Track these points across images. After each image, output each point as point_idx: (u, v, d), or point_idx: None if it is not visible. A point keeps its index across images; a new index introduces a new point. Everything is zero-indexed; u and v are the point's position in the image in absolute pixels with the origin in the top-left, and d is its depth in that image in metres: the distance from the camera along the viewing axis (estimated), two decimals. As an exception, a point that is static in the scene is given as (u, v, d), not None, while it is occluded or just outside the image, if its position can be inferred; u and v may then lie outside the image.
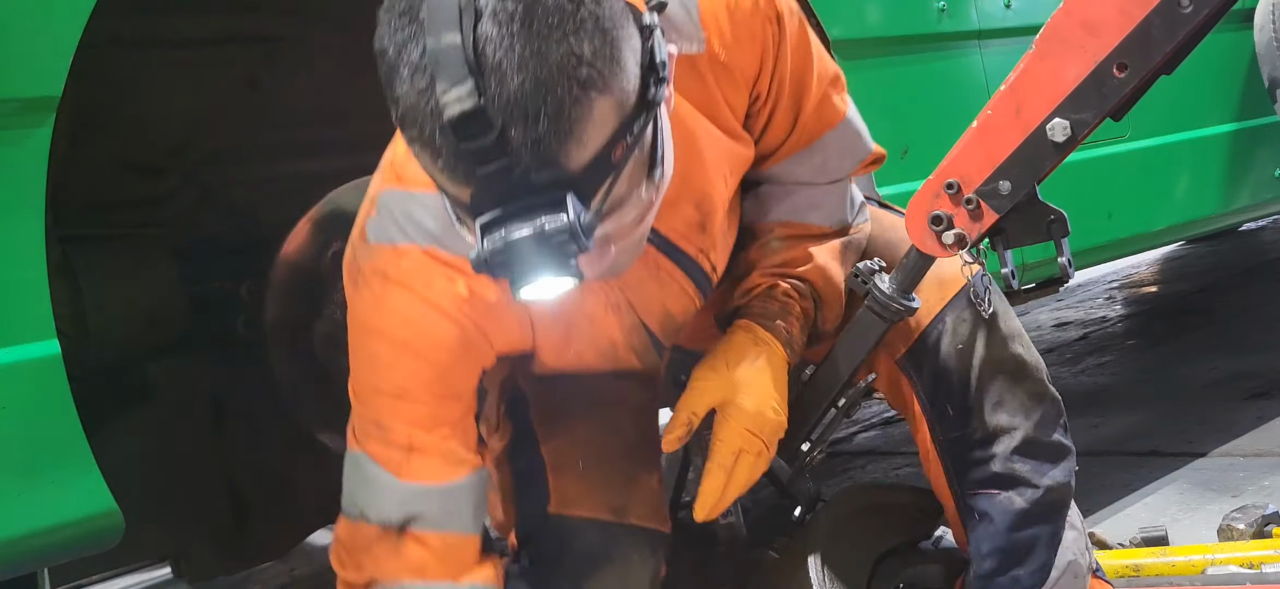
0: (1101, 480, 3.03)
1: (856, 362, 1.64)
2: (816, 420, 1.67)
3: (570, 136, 1.15)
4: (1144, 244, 3.63)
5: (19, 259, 1.59)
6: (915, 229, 1.50)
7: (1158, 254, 6.89)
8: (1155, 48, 1.35)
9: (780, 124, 1.64)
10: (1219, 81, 3.56)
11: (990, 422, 1.72)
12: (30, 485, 1.60)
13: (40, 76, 1.62)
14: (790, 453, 1.67)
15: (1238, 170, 3.57)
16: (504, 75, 1.12)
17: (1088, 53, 1.38)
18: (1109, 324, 5.40)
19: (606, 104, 1.17)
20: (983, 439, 1.73)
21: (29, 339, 1.59)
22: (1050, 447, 1.76)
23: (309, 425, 2.59)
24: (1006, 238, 1.51)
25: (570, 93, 1.14)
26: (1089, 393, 4.15)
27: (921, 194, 1.50)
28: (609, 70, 1.17)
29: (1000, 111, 1.45)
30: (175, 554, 2.85)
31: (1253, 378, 3.73)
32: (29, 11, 1.62)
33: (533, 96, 1.12)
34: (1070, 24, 1.39)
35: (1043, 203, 1.48)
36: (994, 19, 2.92)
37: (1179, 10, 1.32)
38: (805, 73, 1.61)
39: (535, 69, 1.12)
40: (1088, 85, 1.39)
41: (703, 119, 1.53)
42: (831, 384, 1.65)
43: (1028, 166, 1.45)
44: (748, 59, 1.54)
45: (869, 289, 1.59)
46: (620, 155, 1.21)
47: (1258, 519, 2.38)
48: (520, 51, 1.12)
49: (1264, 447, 3.06)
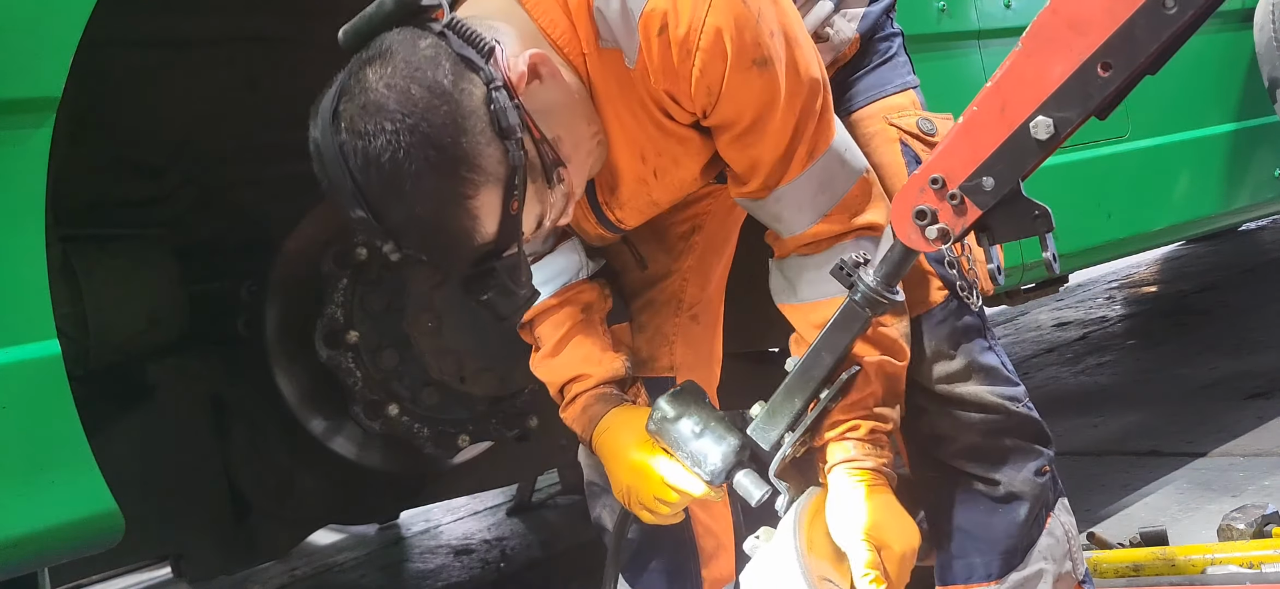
0: (1101, 480, 3.03)
1: (839, 354, 1.64)
2: (799, 412, 1.67)
3: (469, 236, 1.44)
4: (1144, 244, 3.63)
5: (19, 259, 1.59)
6: (900, 223, 1.51)
7: (1158, 254, 6.89)
8: (1139, 48, 1.35)
9: (730, 157, 1.65)
10: (1219, 81, 3.55)
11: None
12: (30, 485, 1.60)
13: (40, 76, 1.63)
14: (772, 443, 1.69)
15: (1238, 170, 3.57)
16: (389, 214, 1.42)
17: (1073, 52, 1.38)
18: (1109, 324, 5.40)
19: (483, 197, 1.43)
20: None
21: (29, 339, 1.60)
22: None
23: (309, 425, 2.60)
24: (992, 233, 1.51)
25: (453, 217, 1.43)
26: (1089, 393, 4.15)
27: (907, 188, 1.51)
28: (470, 175, 1.41)
29: (985, 108, 1.45)
30: (175, 554, 2.85)
31: (1253, 378, 3.74)
32: (29, 11, 1.62)
33: (421, 228, 1.43)
34: (1056, 23, 1.39)
35: (1027, 199, 1.49)
36: (994, 19, 2.92)
37: (1164, 11, 1.33)
38: (763, 125, 1.59)
39: (411, 207, 1.41)
40: (1072, 84, 1.39)
41: (626, 110, 1.60)
42: (814, 377, 1.66)
43: (1011, 163, 1.45)
44: (672, 85, 1.55)
45: (853, 281, 1.60)
46: (517, 209, 1.46)
47: (1258, 519, 2.38)
48: (394, 198, 1.41)
49: (1264, 447, 3.06)
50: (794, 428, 1.67)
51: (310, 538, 3.00)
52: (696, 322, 2.01)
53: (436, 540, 4.20)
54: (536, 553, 3.81)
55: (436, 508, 4.55)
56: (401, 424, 2.54)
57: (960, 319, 1.79)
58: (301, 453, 2.63)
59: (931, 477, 1.84)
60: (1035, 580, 1.79)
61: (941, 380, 1.78)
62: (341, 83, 1.45)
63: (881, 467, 1.70)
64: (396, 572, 3.97)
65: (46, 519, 1.62)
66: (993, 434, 1.78)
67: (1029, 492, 1.79)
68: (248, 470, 2.67)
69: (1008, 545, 1.78)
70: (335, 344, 2.48)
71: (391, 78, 1.40)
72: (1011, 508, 1.78)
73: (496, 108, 1.42)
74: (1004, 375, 1.81)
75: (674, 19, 1.47)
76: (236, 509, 2.68)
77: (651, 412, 1.75)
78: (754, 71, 1.52)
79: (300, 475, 2.68)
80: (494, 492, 4.39)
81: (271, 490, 2.68)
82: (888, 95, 1.87)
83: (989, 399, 1.78)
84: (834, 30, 1.84)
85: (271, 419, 2.60)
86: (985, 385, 1.79)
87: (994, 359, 1.81)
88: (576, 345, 1.87)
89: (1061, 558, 1.82)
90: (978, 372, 1.79)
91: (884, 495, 1.69)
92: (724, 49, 1.49)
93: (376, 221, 1.43)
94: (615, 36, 1.53)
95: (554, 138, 1.52)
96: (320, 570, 4.13)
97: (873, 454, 1.70)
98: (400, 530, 4.41)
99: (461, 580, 3.65)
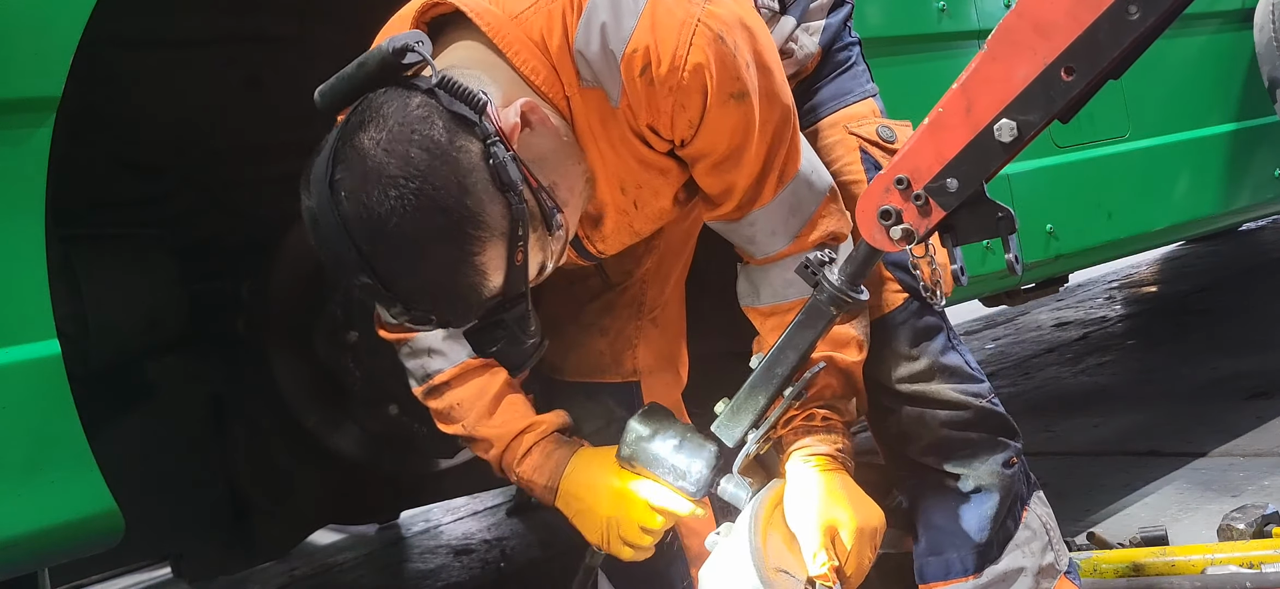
0: (1101, 480, 3.03)
1: (803, 352, 1.65)
2: (764, 409, 1.68)
3: (477, 292, 1.44)
4: (1144, 244, 3.63)
5: (19, 259, 1.59)
6: (865, 222, 1.52)
7: (1158, 254, 6.90)
8: (1102, 53, 1.36)
9: (706, 184, 1.67)
10: (1219, 81, 3.56)
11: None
12: (30, 485, 1.60)
13: (40, 76, 1.62)
14: (736, 441, 1.69)
15: (1238, 170, 3.57)
16: (398, 281, 1.41)
17: (1037, 55, 1.39)
18: (1109, 324, 5.41)
19: (490, 252, 1.42)
20: None
21: (29, 339, 1.60)
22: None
23: (309, 425, 2.60)
24: (956, 234, 1.52)
25: (463, 276, 1.42)
26: (1089, 393, 4.15)
27: (872, 188, 1.52)
28: (477, 233, 1.40)
29: (951, 110, 1.46)
30: (175, 554, 2.85)
31: (1253, 378, 3.73)
32: (29, 11, 1.62)
33: (431, 290, 1.43)
34: (1021, 26, 1.40)
35: (991, 200, 1.50)
36: (994, 19, 2.92)
37: (1126, 17, 1.34)
38: (738, 154, 1.61)
39: (421, 272, 1.41)
40: (1036, 87, 1.40)
41: (608, 147, 1.60)
42: (778, 374, 1.67)
43: (976, 165, 1.46)
44: (654, 119, 1.56)
45: (818, 280, 1.61)
46: (522, 259, 1.46)
47: (1258, 519, 2.38)
48: (402, 264, 1.40)
49: (1264, 447, 3.06)
50: (758, 425, 1.68)
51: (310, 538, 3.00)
52: (656, 324, 2.04)
53: (436, 540, 4.20)
54: (536, 553, 3.81)
55: (436, 508, 4.56)
56: (401, 424, 2.54)
57: (921, 320, 1.83)
58: (301, 453, 2.63)
59: (904, 476, 1.88)
60: (1015, 575, 1.82)
61: (905, 380, 1.83)
62: (334, 148, 1.41)
63: (836, 452, 1.72)
64: (396, 572, 3.97)
65: (46, 519, 1.62)
66: (958, 429, 1.83)
67: (997, 484, 1.82)
68: (248, 470, 2.67)
69: (982, 539, 1.81)
70: (335, 344, 2.48)
71: (389, 142, 1.38)
72: (981, 502, 1.82)
73: (496, 163, 1.41)
74: (967, 373, 1.85)
75: (655, 57, 1.49)
76: (236, 509, 2.68)
77: (624, 435, 1.75)
78: (732, 104, 1.55)
79: (300, 475, 2.68)
80: (494, 492, 4.39)
81: (271, 490, 2.68)
82: (848, 105, 1.91)
83: (953, 396, 1.83)
84: (797, 45, 1.88)
85: (271, 419, 2.60)
86: (949, 384, 1.83)
87: (956, 358, 1.86)
88: (512, 403, 1.84)
89: (1041, 550, 1.85)
90: (940, 371, 1.83)
91: (838, 476, 1.70)
92: (704, 84, 1.51)
93: (385, 289, 1.42)
94: (597, 76, 1.53)
95: (550, 185, 1.53)
96: (320, 570, 4.13)
97: (826, 440, 1.72)
98: (400, 530, 4.41)
99: (461, 580, 3.65)
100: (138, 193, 2.53)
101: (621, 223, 1.73)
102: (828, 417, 1.74)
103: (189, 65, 2.39)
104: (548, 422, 1.84)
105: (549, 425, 1.84)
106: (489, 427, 1.83)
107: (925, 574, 1.86)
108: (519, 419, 1.83)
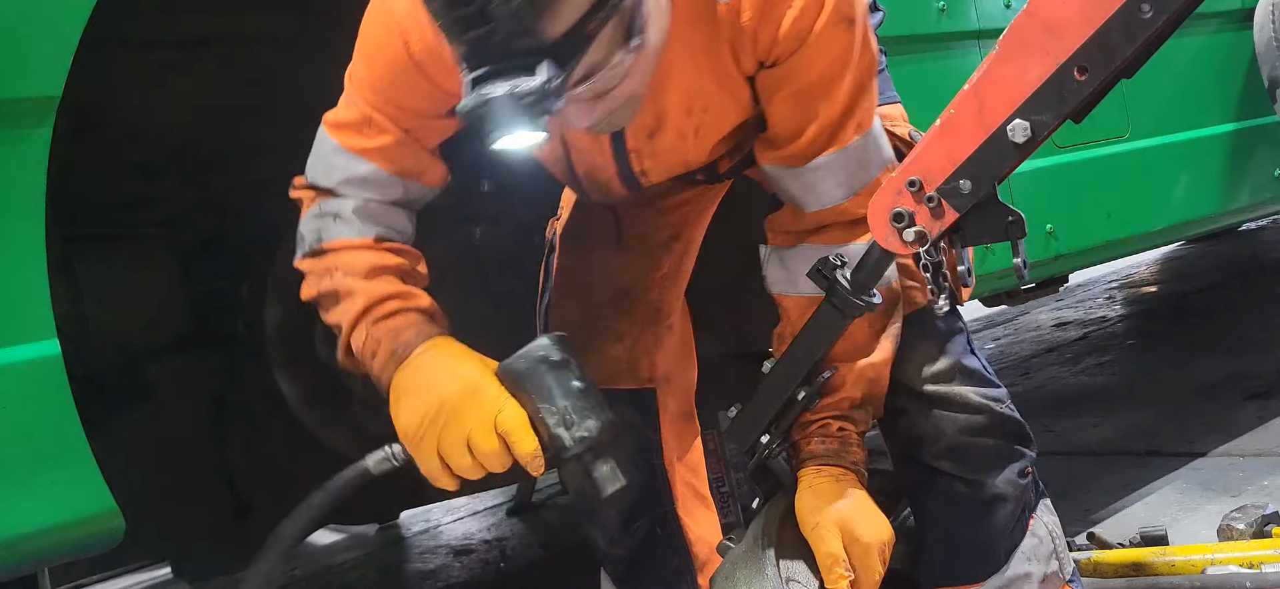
0: (1101, 480, 3.03)
1: (816, 356, 1.65)
2: (776, 414, 1.67)
3: (547, 9, 1.27)
4: (1144, 244, 3.63)
5: (19, 259, 1.59)
6: (877, 225, 1.52)
7: (1158, 254, 6.89)
8: (1115, 52, 1.36)
9: (783, 114, 1.64)
10: (1219, 81, 3.56)
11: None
12: (30, 485, 1.60)
13: (40, 76, 1.62)
14: (749, 445, 1.68)
15: (1238, 170, 3.57)
16: None
17: (1049, 55, 1.39)
18: (1109, 324, 5.40)
19: None
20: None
21: (29, 339, 1.60)
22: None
23: (309, 425, 2.60)
24: (965, 237, 1.52)
25: None
26: (1089, 393, 4.15)
27: (884, 191, 1.51)
28: None
29: (963, 111, 1.46)
30: (175, 554, 2.85)
31: (1253, 378, 3.73)
32: (29, 11, 1.62)
33: None
34: (1032, 26, 1.40)
35: (1001, 203, 1.49)
36: (994, 19, 2.93)
37: (1139, 15, 1.33)
38: (830, 84, 1.60)
39: None
40: (1048, 88, 1.40)
41: (692, 53, 1.58)
42: (791, 378, 1.66)
43: (989, 166, 1.46)
44: (759, 24, 1.54)
45: (831, 284, 1.60)
46: (595, 27, 1.31)
47: (1258, 519, 2.38)
48: None
49: (1264, 447, 3.06)
50: (770, 430, 1.67)
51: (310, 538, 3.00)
52: (672, 331, 2.02)
53: (436, 540, 4.20)
54: (536, 553, 3.81)
55: (436, 508, 4.55)
56: (402, 424, 2.53)
57: (947, 320, 1.81)
58: (301, 453, 2.63)
59: (913, 480, 1.85)
60: (1021, 582, 1.80)
61: (927, 381, 1.80)
62: None
63: (851, 464, 1.71)
64: (396, 572, 3.97)
65: (46, 519, 1.62)
66: (976, 435, 1.80)
67: (1012, 493, 1.80)
68: (248, 470, 2.67)
69: (991, 548, 1.79)
70: (335, 344, 2.48)
71: None
72: (994, 510, 1.79)
73: None
74: (985, 377, 1.83)
75: None
76: (236, 509, 2.68)
77: (526, 348, 1.52)
78: (842, 28, 1.56)
79: (300, 475, 2.68)
80: (494, 492, 4.39)
81: (271, 490, 2.68)
82: (882, 105, 1.89)
83: (973, 399, 1.80)
84: None
85: (271, 419, 2.60)
86: (969, 386, 1.81)
87: (976, 362, 1.84)
88: (393, 279, 1.66)
89: (1046, 557, 1.83)
90: (962, 372, 1.80)
91: (853, 491, 1.69)
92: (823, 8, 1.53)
93: None
94: None
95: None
96: (320, 570, 4.13)
97: (842, 452, 1.71)
98: (400, 530, 4.41)
99: (461, 580, 3.65)
100: (138, 193, 2.53)
101: (677, 146, 1.71)
102: (843, 427, 1.72)
103: (189, 65, 2.39)
104: (426, 299, 1.66)
105: (426, 301, 1.65)
106: (359, 282, 1.64)
107: (930, 579, 1.84)
108: (399, 286, 1.65)
